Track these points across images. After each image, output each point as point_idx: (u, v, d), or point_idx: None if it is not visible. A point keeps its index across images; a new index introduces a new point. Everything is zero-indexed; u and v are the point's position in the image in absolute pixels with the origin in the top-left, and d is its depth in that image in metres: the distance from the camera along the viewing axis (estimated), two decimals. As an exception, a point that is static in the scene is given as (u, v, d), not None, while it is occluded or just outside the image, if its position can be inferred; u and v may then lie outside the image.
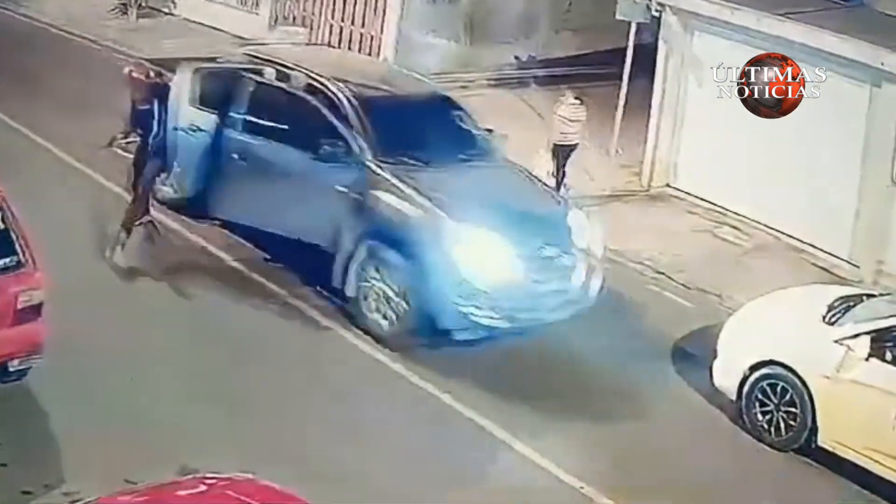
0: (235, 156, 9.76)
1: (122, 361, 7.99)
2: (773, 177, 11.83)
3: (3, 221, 7.07)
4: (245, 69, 10.09)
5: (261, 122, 9.75)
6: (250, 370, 8.20)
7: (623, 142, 13.81)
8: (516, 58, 17.10)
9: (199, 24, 17.93)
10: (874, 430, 7.56)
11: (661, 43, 13.17)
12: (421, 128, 9.91)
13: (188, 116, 9.96)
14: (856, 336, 7.81)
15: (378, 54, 16.12)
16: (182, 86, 10.04)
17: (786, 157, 11.67)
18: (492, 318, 8.62)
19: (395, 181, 9.02)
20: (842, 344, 7.82)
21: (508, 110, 14.38)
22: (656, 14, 12.98)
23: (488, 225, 8.68)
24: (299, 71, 9.87)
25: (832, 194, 11.42)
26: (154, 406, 7.49)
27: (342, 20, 16.78)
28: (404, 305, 8.76)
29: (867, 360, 7.69)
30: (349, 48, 16.46)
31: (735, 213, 12.31)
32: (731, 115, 12.11)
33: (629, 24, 13.41)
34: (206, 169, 9.87)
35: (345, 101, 9.50)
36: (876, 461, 7.52)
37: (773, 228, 12.01)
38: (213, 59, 11.13)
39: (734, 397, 8.32)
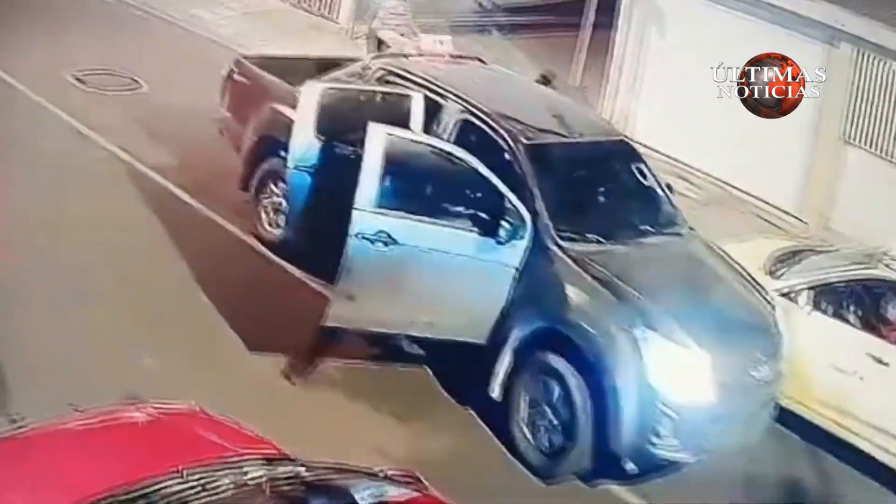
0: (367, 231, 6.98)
1: (70, 290, 7.92)
2: (727, 132, 11.88)
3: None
4: (385, 94, 7.99)
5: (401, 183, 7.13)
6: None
7: (582, 91, 13.79)
8: (479, 4, 16.98)
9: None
10: (812, 381, 7.72)
11: (624, -7, 13.14)
12: (601, 187, 7.86)
13: (309, 150, 7.88)
14: (797, 288, 7.94)
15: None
16: (307, 109, 7.91)
17: (740, 113, 11.72)
18: (677, 449, 6.65)
19: (576, 269, 6.88)
20: (784, 296, 7.95)
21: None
22: (621, -35, 12.94)
23: (698, 340, 6.61)
24: (453, 99, 7.74)
25: (783, 151, 11.52)
26: (103, 334, 7.44)
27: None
28: (567, 429, 6.74)
29: (808, 312, 7.83)
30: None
31: (688, 167, 12.39)
32: (689, 69, 12.19)
33: (593, -27, 13.37)
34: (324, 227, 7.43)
35: (517, 152, 7.30)
36: (814, 411, 7.67)
37: (724, 182, 12.12)
38: (335, 65, 9.22)
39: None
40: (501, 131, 7.46)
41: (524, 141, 7.38)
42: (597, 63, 13.50)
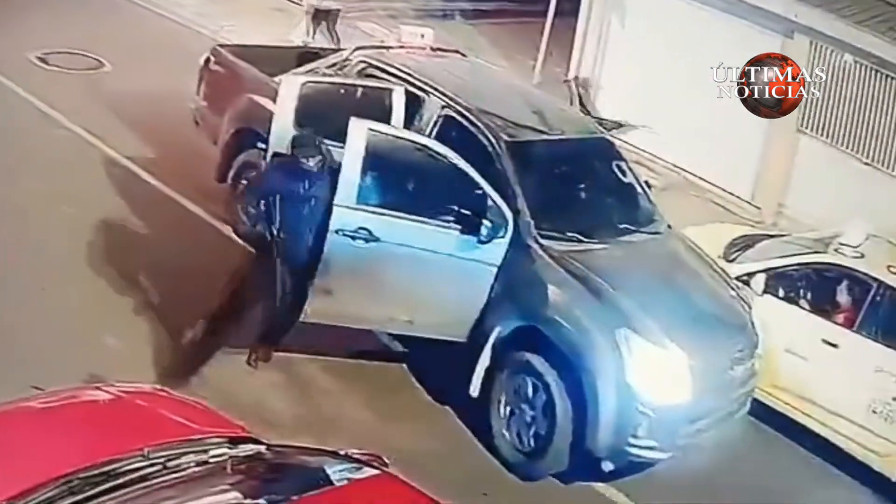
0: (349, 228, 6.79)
1: (31, 269, 7.79)
2: (685, 120, 11.96)
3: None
4: (366, 88, 7.79)
5: (381, 176, 6.91)
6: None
7: (544, 79, 13.78)
8: (444, -11, 16.91)
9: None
10: (765, 364, 7.79)
11: (586, -19, 13.14)
12: (581, 185, 7.71)
13: (287, 141, 7.39)
14: (752, 273, 8.01)
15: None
16: (286, 102, 7.59)
17: (697, 102, 11.80)
18: (653, 448, 6.53)
19: (557, 268, 6.73)
20: (738, 279, 8.01)
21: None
22: (584, -49, 12.94)
23: (677, 340, 6.50)
24: (435, 94, 7.54)
25: (739, 139, 11.60)
26: (63, 316, 7.33)
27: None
28: (546, 429, 6.64)
29: (761, 295, 7.90)
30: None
31: (647, 153, 12.43)
32: (648, 57, 12.24)
33: (557, -39, 13.34)
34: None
35: (499, 149, 7.11)
36: (767, 393, 7.74)
37: (681, 169, 12.18)
38: (315, 55, 9.03)
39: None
40: (483, 127, 7.29)
41: (505, 138, 7.20)
42: (559, 50, 13.49)
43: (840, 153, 11.16)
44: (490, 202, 6.85)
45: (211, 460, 4.39)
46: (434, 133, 7.45)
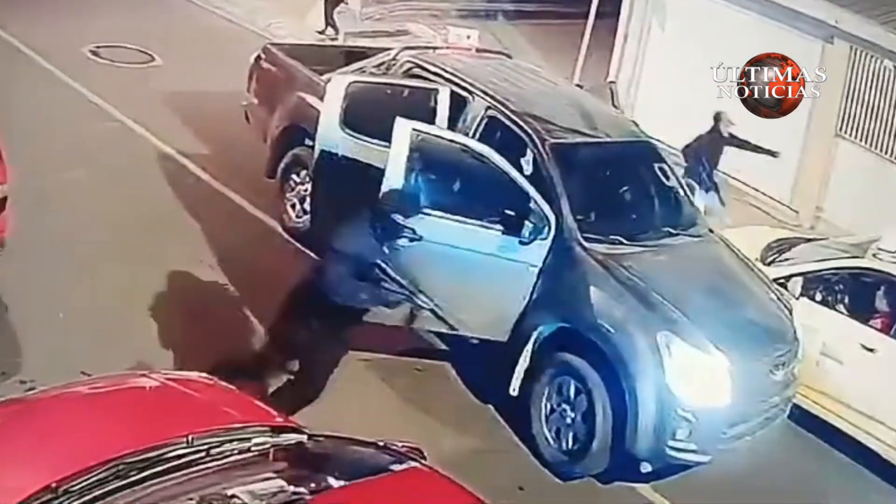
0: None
1: (83, 258, 7.84)
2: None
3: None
4: (411, 88, 7.79)
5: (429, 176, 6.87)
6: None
7: (584, 80, 13.67)
8: (487, -10, 16.88)
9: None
10: (804, 368, 7.67)
11: (627, -15, 13.04)
12: (625, 188, 7.64)
13: (335, 140, 7.56)
14: (789, 276, 7.89)
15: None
16: (333, 101, 7.65)
17: (737, 106, 11.64)
18: (693, 451, 6.44)
19: (600, 270, 6.66)
20: (776, 283, 7.89)
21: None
22: (625, -43, 12.84)
23: (718, 344, 6.41)
24: (479, 96, 7.50)
25: (779, 143, 11.44)
26: (117, 304, 7.37)
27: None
28: (586, 430, 6.57)
29: (798, 298, 7.78)
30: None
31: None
32: (687, 62, 12.09)
33: (598, -36, 13.23)
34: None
35: (542, 152, 7.04)
36: (804, 396, 7.61)
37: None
38: (362, 54, 9.08)
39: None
40: (528, 129, 7.23)
41: (550, 140, 7.13)
42: (599, 51, 13.38)
43: (879, 158, 10.98)
44: (532, 204, 6.79)
45: (253, 448, 4.40)
46: (478, 134, 7.41)
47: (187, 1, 15.03)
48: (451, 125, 7.49)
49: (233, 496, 4.11)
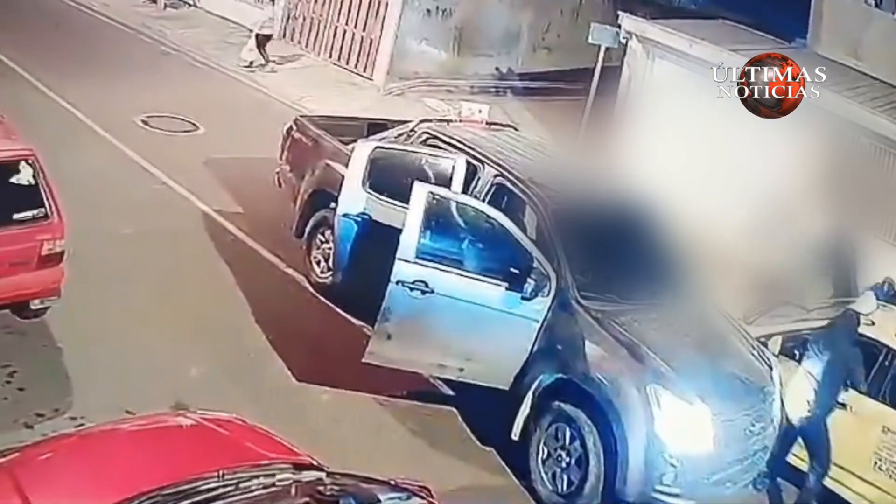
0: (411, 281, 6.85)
1: (132, 307, 8.01)
2: (716, 199, 11.76)
3: (35, 177, 7.07)
4: (428, 156, 7.98)
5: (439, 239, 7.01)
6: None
7: (585, 150, 13.88)
8: (497, 69, 17.16)
9: (218, 16, 17.98)
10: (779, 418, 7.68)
11: (625, 66, 13.25)
12: (621, 250, 7.68)
13: (357, 202, 7.85)
14: (769, 335, 7.94)
15: (376, 56, 16.12)
16: (357, 165, 7.95)
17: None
18: (677, 495, 6.52)
19: (596, 327, 6.78)
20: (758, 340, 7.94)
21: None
22: (623, 41, 13.06)
23: (706, 398, 6.52)
24: (489, 164, 7.77)
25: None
26: (159, 348, 7.52)
27: (346, 23, 16.73)
28: (580, 473, 6.68)
29: (777, 356, 7.82)
30: (350, 49, 16.46)
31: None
32: (684, 133, 12.21)
33: (599, 47, 13.49)
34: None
35: (545, 216, 7.26)
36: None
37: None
38: (384, 126, 9.31)
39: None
40: (532, 196, 7.47)
41: (552, 206, 7.36)
42: (600, 127, 13.58)
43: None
44: (535, 263, 6.94)
45: (277, 484, 4.49)
46: (487, 198, 7.63)
47: (226, 74, 15.38)
48: (464, 190, 7.70)
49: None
